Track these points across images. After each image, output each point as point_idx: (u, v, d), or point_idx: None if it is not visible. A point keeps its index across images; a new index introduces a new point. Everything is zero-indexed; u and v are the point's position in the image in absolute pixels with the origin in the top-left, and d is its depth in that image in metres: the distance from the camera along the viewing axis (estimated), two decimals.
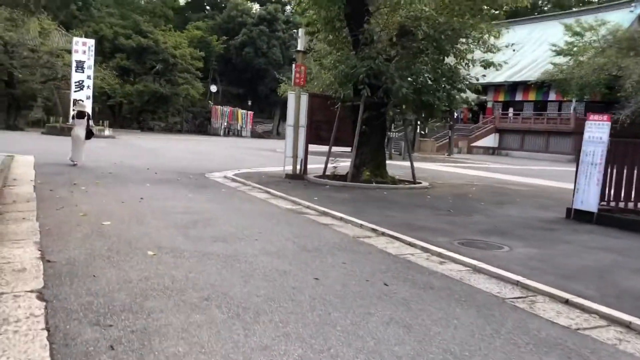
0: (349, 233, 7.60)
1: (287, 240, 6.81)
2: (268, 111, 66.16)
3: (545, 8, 65.64)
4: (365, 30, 12.74)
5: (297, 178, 14.41)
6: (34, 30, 33.75)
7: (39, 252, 5.46)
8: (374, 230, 7.78)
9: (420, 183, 14.54)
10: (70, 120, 16.37)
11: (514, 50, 17.38)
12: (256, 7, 69.38)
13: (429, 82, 13.45)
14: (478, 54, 13.87)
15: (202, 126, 58.96)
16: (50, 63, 34.47)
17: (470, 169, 24.13)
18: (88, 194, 9.56)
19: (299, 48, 14.37)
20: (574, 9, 54.37)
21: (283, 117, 64.91)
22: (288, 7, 69.03)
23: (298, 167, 14.77)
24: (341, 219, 8.75)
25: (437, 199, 12.00)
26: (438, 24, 12.89)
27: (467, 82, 13.87)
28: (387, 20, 13.72)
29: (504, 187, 15.85)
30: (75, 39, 31.14)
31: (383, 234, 7.59)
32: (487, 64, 13.54)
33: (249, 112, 59.61)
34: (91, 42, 30.97)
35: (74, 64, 29.63)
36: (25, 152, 17.25)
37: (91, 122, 15.61)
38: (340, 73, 12.69)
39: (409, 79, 13.02)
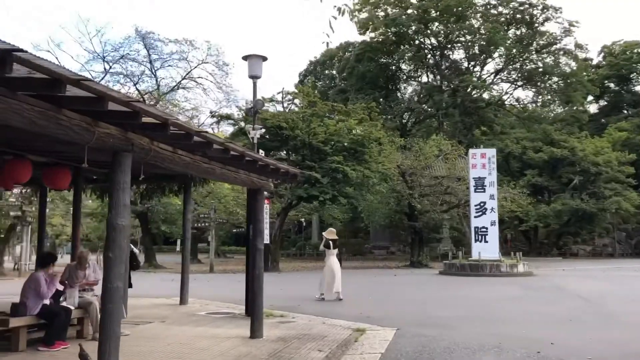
0: None
1: None
2: None
3: None
4: None
5: None
6: (431, 154, 30.58)
7: None
8: None
9: None
10: (322, 248, 14.33)
11: None
12: None
13: None
14: None
15: (639, 247, 46.38)
16: (451, 189, 30.41)
17: None
18: None
19: None
20: None
21: None
22: None
23: None
24: None
25: None
26: None
27: None
28: None
29: None
30: (471, 151, 25.63)
31: None
32: None
33: None
34: (492, 152, 24.80)
35: (472, 183, 23.75)
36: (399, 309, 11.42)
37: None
38: None
39: None
